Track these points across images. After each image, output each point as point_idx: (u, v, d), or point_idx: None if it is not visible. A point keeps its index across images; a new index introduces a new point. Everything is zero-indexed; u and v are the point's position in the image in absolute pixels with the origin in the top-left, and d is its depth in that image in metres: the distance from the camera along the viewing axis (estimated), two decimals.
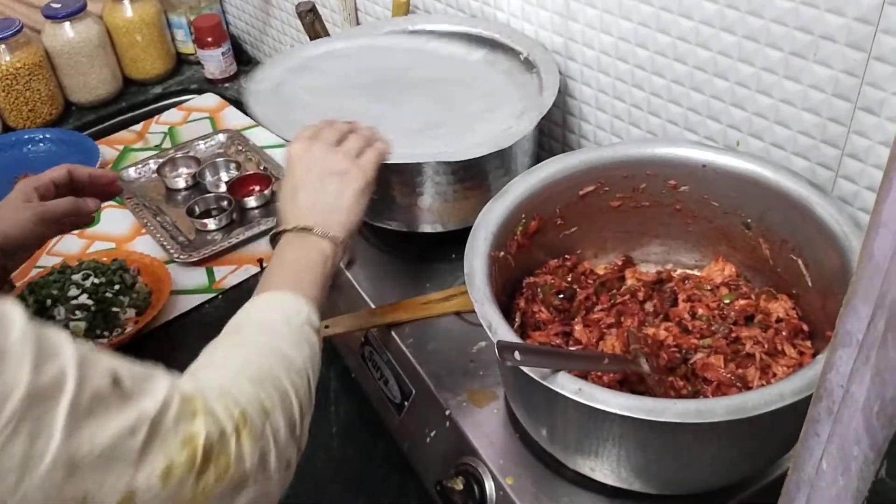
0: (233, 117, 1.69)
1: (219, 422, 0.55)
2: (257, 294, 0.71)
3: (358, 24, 1.43)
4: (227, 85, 1.79)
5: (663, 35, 0.90)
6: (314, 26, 1.26)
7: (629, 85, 0.98)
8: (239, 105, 1.73)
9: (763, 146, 0.87)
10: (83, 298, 1.16)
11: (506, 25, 1.10)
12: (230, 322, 0.69)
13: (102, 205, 1.01)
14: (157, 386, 0.53)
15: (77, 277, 1.21)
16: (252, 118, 1.43)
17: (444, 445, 0.83)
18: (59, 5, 1.64)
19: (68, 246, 1.36)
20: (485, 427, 0.81)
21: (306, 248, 0.75)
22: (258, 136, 1.60)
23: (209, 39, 1.73)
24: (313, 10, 1.25)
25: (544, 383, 0.63)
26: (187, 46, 1.84)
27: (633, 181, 0.87)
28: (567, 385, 0.63)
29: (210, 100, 1.75)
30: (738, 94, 0.87)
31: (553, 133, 1.14)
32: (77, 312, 1.15)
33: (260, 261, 1.26)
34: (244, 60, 1.85)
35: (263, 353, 0.64)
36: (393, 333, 0.91)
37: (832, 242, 0.73)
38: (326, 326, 0.93)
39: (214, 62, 1.76)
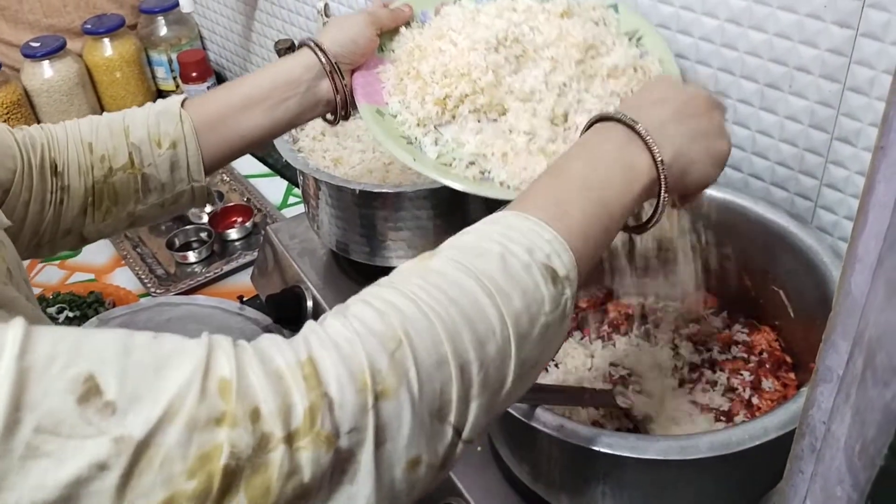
0: None
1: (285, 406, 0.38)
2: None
3: None
4: None
5: None
6: None
7: None
8: None
9: (742, 177, 0.87)
10: None
11: None
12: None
13: None
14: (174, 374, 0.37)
15: (52, 311, 1.19)
16: None
17: None
18: (38, 44, 1.64)
19: (48, 276, 1.36)
20: (468, 465, 0.79)
21: (620, 153, 0.56)
22: (243, 166, 1.60)
23: (194, 74, 1.73)
24: (292, 47, 1.26)
25: (525, 420, 0.62)
26: (168, 83, 1.84)
27: None
28: (549, 422, 0.62)
29: None
30: None
31: None
32: None
33: (240, 297, 1.25)
34: None
35: (441, 298, 0.46)
36: None
37: (813, 273, 0.73)
38: None
39: None
